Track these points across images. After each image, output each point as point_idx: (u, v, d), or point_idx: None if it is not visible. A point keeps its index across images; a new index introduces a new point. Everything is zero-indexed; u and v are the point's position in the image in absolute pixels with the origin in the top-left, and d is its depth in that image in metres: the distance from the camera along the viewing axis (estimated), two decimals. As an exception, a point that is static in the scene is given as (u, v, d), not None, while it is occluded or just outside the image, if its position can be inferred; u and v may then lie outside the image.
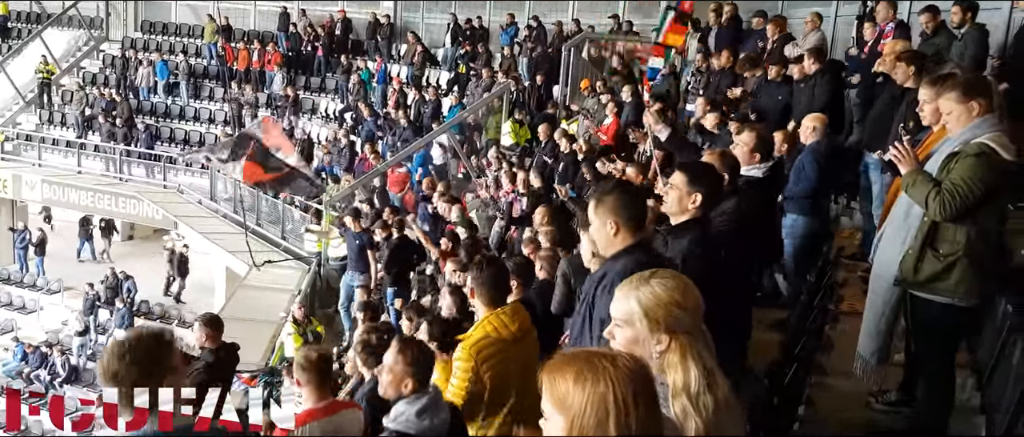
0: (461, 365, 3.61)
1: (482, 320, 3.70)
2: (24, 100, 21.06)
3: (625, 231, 2.89)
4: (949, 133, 3.52)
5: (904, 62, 5.53)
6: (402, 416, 3.15)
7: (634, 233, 2.91)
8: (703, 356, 2.01)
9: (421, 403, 3.16)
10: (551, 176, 10.26)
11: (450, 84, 17.03)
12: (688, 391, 1.97)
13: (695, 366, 1.99)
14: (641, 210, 3.00)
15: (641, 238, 2.95)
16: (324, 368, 3.96)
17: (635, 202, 2.98)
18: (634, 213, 2.93)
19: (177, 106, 19.86)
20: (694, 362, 2.00)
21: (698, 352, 2.01)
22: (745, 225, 4.10)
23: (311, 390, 3.90)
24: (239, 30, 20.52)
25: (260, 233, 14.47)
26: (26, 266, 18.95)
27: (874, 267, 3.84)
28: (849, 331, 4.53)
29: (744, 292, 4.50)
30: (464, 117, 14.49)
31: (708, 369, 2.00)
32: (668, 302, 2.03)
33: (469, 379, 3.57)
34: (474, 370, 3.57)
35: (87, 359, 15.65)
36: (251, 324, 10.90)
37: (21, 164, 19.15)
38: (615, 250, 2.90)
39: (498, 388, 3.61)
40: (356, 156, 15.44)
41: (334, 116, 18.34)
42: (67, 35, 22.07)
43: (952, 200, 3.30)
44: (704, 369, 1.99)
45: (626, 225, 2.89)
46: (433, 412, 3.18)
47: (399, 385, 3.19)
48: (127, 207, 17.89)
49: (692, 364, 1.99)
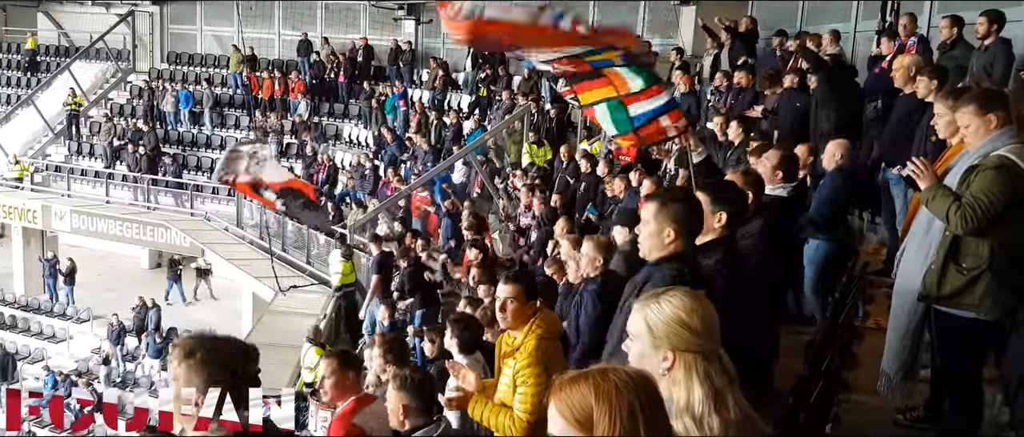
0: (530, 372, 3.53)
1: (529, 325, 3.64)
2: (53, 132, 21.54)
3: (679, 240, 2.90)
4: (967, 146, 3.52)
5: (926, 76, 5.51)
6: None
7: (686, 244, 2.93)
8: (712, 377, 2.00)
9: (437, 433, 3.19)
10: (573, 196, 10.31)
11: (471, 107, 17.18)
12: (691, 411, 1.96)
13: (700, 386, 1.99)
14: (700, 225, 3.03)
15: (687, 250, 2.96)
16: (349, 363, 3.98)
17: (698, 216, 3.00)
18: (694, 227, 2.96)
19: (203, 135, 20.22)
20: (699, 382, 1.99)
21: (707, 372, 2.00)
22: (771, 245, 4.10)
23: (341, 390, 3.90)
24: (264, 59, 20.89)
25: (285, 258, 14.63)
26: (56, 295, 19.26)
27: (896, 283, 3.83)
28: (875, 347, 4.50)
29: (770, 314, 4.49)
30: (485, 140, 14.61)
31: (716, 390, 1.99)
32: (672, 320, 2.04)
33: (541, 383, 3.47)
34: (543, 373, 3.49)
35: (113, 386, 15.82)
36: (278, 349, 10.99)
37: (50, 195, 19.55)
38: (661, 256, 2.90)
39: None
40: (380, 180, 15.61)
41: (358, 142, 18.57)
42: (95, 67, 22.54)
43: (973, 213, 3.30)
44: (711, 390, 1.98)
45: (683, 235, 2.90)
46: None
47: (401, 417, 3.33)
48: (155, 235, 18.17)
49: (696, 384, 1.99)
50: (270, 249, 14.22)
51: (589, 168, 10.16)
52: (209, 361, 2.28)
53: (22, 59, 23.32)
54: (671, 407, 1.98)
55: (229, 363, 2.29)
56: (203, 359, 2.28)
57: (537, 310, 3.70)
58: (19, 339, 17.68)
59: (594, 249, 4.77)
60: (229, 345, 2.34)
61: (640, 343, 2.08)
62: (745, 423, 2.00)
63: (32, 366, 17.26)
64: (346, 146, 18.78)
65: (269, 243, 14.69)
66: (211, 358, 2.28)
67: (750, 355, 2.33)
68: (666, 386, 2.01)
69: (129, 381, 16.17)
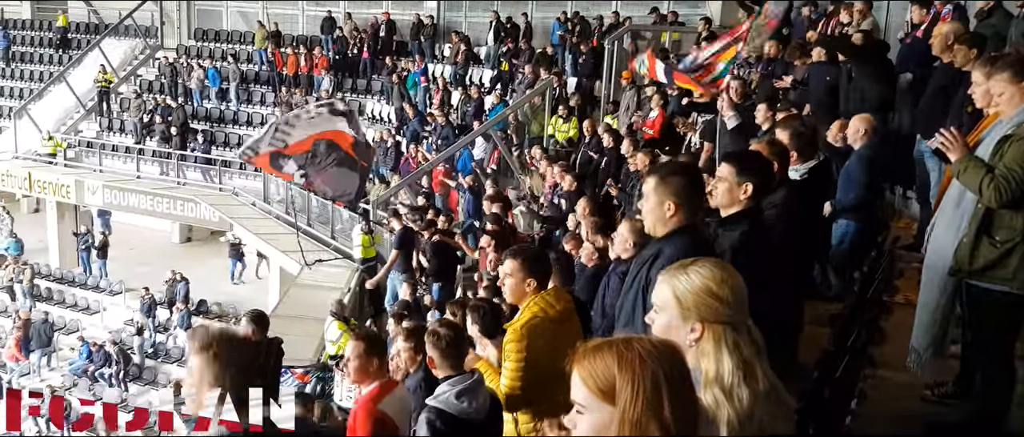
0: (513, 347, 3.57)
1: (528, 302, 3.65)
2: (85, 108, 21.84)
3: (681, 214, 2.90)
4: (1001, 115, 3.41)
5: (965, 45, 5.34)
6: (442, 395, 3.28)
7: (689, 217, 2.92)
8: (741, 348, 1.98)
9: (462, 386, 3.27)
10: (595, 171, 10.23)
11: (493, 82, 17.09)
12: (720, 382, 1.94)
13: (730, 357, 1.96)
14: (701, 196, 3.04)
15: (693, 222, 2.96)
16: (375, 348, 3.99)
17: (697, 187, 3.00)
18: (694, 198, 2.96)
19: (230, 111, 20.37)
20: (729, 353, 1.97)
21: (736, 343, 1.98)
22: (796, 215, 4.03)
23: (365, 374, 3.90)
24: (288, 35, 20.91)
25: (311, 233, 14.74)
26: (89, 268, 19.63)
27: (926, 257, 3.75)
28: (904, 323, 4.42)
29: (795, 286, 4.41)
30: (506, 115, 14.54)
31: (745, 361, 1.96)
32: (702, 290, 2.01)
33: (523, 360, 3.52)
34: (527, 351, 3.53)
35: (146, 357, 16.16)
36: (304, 321, 11.13)
37: (83, 170, 19.88)
38: (666, 230, 2.92)
39: (549, 370, 3.59)
40: (402, 156, 15.62)
41: (380, 117, 18.58)
42: (124, 44, 22.77)
43: (1007, 185, 3.20)
44: (740, 360, 1.96)
45: (684, 208, 2.90)
46: (472, 395, 3.28)
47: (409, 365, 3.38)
48: (185, 210, 18.43)
49: (726, 355, 1.97)
50: (296, 224, 14.36)
51: (612, 143, 10.07)
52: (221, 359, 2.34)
53: (54, 37, 23.61)
54: (698, 378, 1.95)
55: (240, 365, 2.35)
56: (216, 355, 2.34)
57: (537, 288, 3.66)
58: (54, 310, 18.07)
59: (629, 231, 4.65)
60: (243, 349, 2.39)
61: (667, 314, 2.05)
62: (772, 394, 1.98)
63: (67, 337, 17.66)
64: (368, 122, 18.81)
65: (295, 218, 14.84)
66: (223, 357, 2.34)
67: (775, 327, 2.29)
68: (694, 357, 1.99)
69: (161, 352, 16.50)
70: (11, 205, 22.00)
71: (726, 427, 1.92)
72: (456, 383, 3.30)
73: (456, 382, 3.30)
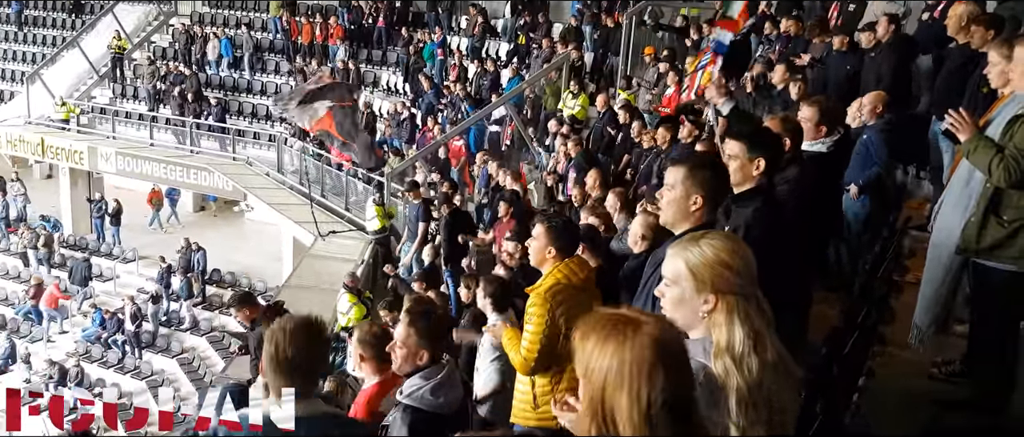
0: (536, 310, 3.61)
1: (551, 269, 3.70)
2: (98, 74, 21.86)
3: (704, 209, 2.89)
4: (1014, 89, 3.41)
5: (982, 26, 5.33)
6: (417, 392, 3.08)
7: (711, 214, 2.92)
8: (752, 318, 2.03)
9: (437, 379, 3.09)
10: (610, 145, 10.24)
11: (509, 55, 17.03)
12: (731, 351, 2.00)
13: (741, 327, 2.02)
14: (725, 194, 3.04)
15: (713, 219, 2.96)
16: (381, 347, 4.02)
17: (724, 183, 3.00)
18: (719, 195, 2.95)
19: (244, 80, 20.38)
20: (740, 323, 2.02)
21: (747, 313, 2.03)
22: (808, 193, 4.05)
23: (374, 365, 3.86)
24: (303, 4, 20.83)
25: (324, 204, 14.84)
26: (103, 235, 19.78)
27: (933, 236, 3.78)
28: (914, 302, 4.45)
29: (806, 263, 4.45)
30: (523, 88, 14.51)
31: (756, 331, 2.02)
32: (715, 262, 2.06)
33: (546, 324, 3.57)
34: (550, 314, 3.58)
35: (160, 325, 16.36)
36: (317, 291, 11.26)
37: (96, 137, 19.93)
38: (687, 226, 2.87)
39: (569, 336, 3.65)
40: (417, 129, 15.63)
41: (395, 89, 18.56)
42: (137, 10, 22.72)
43: (1016, 165, 3.22)
44: (751, 331, 2.02)
45: (708, 204, 2.89)
46: (448, 388, 3.12)
47: (414, 359, 3.15)
48: (198, 178, 18.49)
49: (738, 325, 2.02)
50: (309, 194, 14.45)
51: (627, 118, 10.07)
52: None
53: (67, 1, 23.57)
54: (709, 348, 2.02)
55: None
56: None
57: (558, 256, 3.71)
58: (67, 276, 18.23)
59: (643, 227, 4.54)
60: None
61: (679, 287, 2.10)
62: (780, 364, 2.04)
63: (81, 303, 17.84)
64: (383, 93, 18.81)
65: (309, 189, 14.92)
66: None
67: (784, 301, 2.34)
68: (705, 329, 2.05)
69: (174, 320, 16.68)
70: (23, 171, 22.13)
71: (735, 394, 1.98)
72: (429, 377, 3.10)
73: (429, 375, 3.11)
